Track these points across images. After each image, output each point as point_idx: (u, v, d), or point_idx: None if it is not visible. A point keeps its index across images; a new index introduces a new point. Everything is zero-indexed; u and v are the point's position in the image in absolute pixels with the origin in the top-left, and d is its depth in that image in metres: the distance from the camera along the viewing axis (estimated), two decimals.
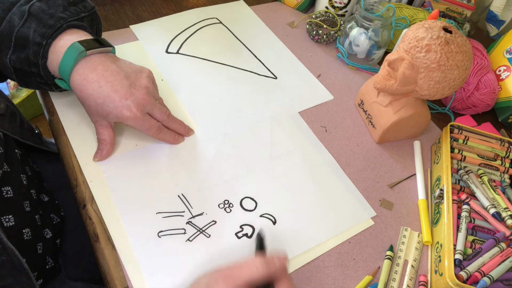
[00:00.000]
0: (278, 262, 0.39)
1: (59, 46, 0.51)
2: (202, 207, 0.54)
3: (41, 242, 0.58)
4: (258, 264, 0.38)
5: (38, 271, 0.57)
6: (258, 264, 0.38)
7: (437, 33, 0.55)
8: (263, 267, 0.38)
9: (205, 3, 0.85)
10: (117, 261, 0.49)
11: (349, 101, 0.73)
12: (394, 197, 0.61)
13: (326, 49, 0.81)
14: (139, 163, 0.57)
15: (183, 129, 0.60)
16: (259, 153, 0.62)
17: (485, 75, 0.72)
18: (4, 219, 0.51)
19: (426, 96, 0.59)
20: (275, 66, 0.75)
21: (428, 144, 0.69)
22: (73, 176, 0.56)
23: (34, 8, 0.51)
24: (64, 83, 0.53)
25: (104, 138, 0.55)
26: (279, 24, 0.84)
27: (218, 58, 0.75)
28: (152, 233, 0.51)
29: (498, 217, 0.55)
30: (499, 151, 0.63)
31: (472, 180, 0.59)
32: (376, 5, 0.74)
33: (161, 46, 0.74)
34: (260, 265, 0.38)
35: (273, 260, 0.39)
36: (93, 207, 0.53)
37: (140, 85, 0.53)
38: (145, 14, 0.80)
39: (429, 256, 0.55)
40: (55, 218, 0.66)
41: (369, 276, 0.52)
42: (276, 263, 0.39)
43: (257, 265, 0.38)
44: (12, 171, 0.54)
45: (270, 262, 0.39)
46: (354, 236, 0.56)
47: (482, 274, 0.49)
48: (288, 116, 0.68)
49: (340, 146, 0.66)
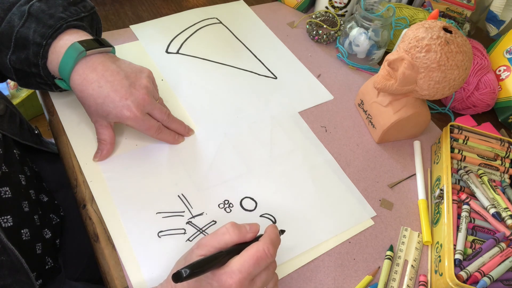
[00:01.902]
0: (249, 227, 0.43)
1: (59, 46, 0.51)
2: (202, 207, 0.54)
3: (40, 242, 0.58)
4: (230, 229, 0.42)
5: (37, 271, 0.57)
6: (230, 229, 0.42)
7: (437, 33, 0.54)
8: (234, 232, 0.41)
9: (205, 3, 0.85)
10: (117, 261, 0.49)
11: (349, 101, 0.73)
12: (394, 197, 0.61)
13: (326, 49, 0.81)
14: (139, 163, 0.57)
15: (183, 129, 0.60)
16: (259, 153, 0.62)
17: (485, 75, 0.72)
18: (2, 219, 0.51)
19: (426, 96, 0.59)
20: (275, 66, 0.75)
21: (428, 144, 0.69)
22: (73, 176, 0.55)
23: (34, 8, 0.51)
24: (64, 83, 0.53)
25: (104, 138, 0.55)
26: (279, 24, 0.84)
27: (218, 58, 0.75)
28: (152, 233, 0.51)
29: (498, 217, 0.55)
30: (499, 151, 0.63)
31: (472, 180, 0.59)
32: (376, 5, 0.74)
33: (161, 46, 0.74)
34: (231, 230, 0.41)
35: (244, 226, 0.43)
36: (93, 207, 0.53)
37: (140, 85, 0.53)
38: (145, 14, 0.80)
39: (429, 256, 0.55)
40: (55, 218, 0.66)
41: (369, 276, 0.52)
42: (247, 227, 0.42)
43: (229, 230, 0.41)
44: (10, 172, 0.54)
45: (241, 227, 0.42)
46: (354, 236, 0.56)
47: (482, 274, 0.49)
48: (288, 116, 0.68)
49: (340, 146, 0.66)
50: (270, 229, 0.44)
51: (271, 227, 0.44)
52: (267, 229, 0.44)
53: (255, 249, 0.40)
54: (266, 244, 0.41)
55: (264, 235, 0.43)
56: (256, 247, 0.40)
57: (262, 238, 0.42)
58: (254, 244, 0.41)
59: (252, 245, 0.41)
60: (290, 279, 0.50)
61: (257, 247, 0.40)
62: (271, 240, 0.42)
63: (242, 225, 0.43)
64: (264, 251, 0.40)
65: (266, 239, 0.41)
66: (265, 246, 0.40)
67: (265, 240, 0.41)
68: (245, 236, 0.42)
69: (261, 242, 0.41)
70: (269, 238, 0.42)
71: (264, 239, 0.41)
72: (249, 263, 0.39)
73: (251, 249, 0.40)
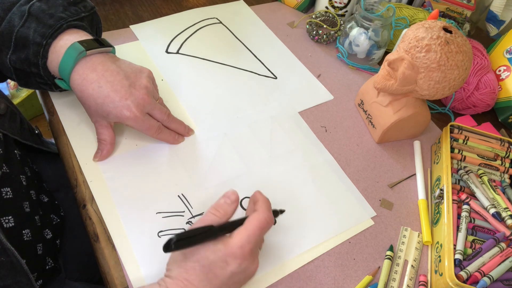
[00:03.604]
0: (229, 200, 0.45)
1: (59, 46, 0.51)
2: (202, 207, 0.54)
3: (41, 243, 0.58)
4: (213, 211, 0.44)
5: (37, 272, 0.57)
6: (212, 211, 0.44)
7: (437, 33, 0.55)
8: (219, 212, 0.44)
9: (205, 3, 0.85)
10: (117, 261, 0.49)
11: (349, 101, 0.73)
12: (394, 197, 0.61)
13: (326, 49, 0.81)
14: (139, 163, 0.57)
15: (183, 129, 0.60)
16: (259, 153, 0.62)
17: (485, 75, 0.72)
18: (4, 220, 0.51)
19: (426, 96, 0.59)
20: (275, 66, 0.75)
21: (428, 144, 0.69)
22: (73, 176, 0.55)
23: (34, 8, 0.51)
24: (64, 83, 0.53)
25: (104, 138, 0.55)
26: (279, 24, 0.84)
27: (218, 58, 0.75)
28: (152, 233, 0.51)
29: (498, 217, 0.55)
30: (499, 151, 0.63)
31: (472, 180, 0.59)
32: (376, 5, 0.74)
33: (161, 46, 0.74)
34: (214, 211, 0.44)
35: (222, 203, 0.44)
36: (93, 207, 0.53)
37: (140, 85, 0.53)
38: (145, 14, 0.80)
39: (429, 256, 0.55)
40: (55, 218, 0.66)
41: (369, 276, 0.52)
42: (227, 201, 0.45)
43: (212, 212, 0.44)
44: (11, 172, 0.54)
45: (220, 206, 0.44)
46: (354, 236, 0.56)
47: (482, 274, 0.49)
48: (288, 116, 0.68)
49: (340, 146, 0.66)
50: (261, 197, 0.45)
51: (259, 194, 0.46)
52: (258, 198, 0.45)
53: (256, 219, 0.42)
54: (264, 213, 0.43)
55: (259, 205, 0.44)
56: (256, 217, 0.42)
57: (258, 207, 0.44)
58: (253, 215, 0.43)
59: (252, 216, 0.43)
60: (290, 279, 0.50)
61: (257, 217, 0.42)
62: (267, 207, 0.44)
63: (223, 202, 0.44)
64: (265, 220, 0.43)
65: (263, 207, 0.44)
66: (264, 214, 0.43)
67: (262, 209, 0.43)
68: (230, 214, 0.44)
69: (260, 212, 0.43)
70: (265, 206, 0.44)
71: (261, 208, 0.43)
72: (255, 233, 0.42)
73: (253, 219, 0.42)
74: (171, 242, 0.38)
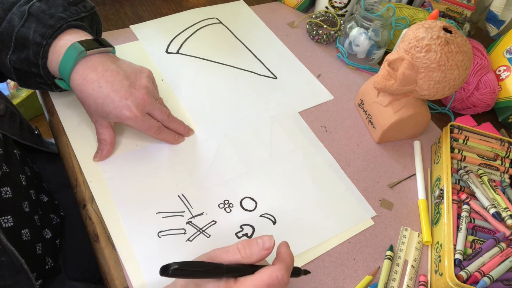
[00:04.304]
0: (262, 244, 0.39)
1: (59, 46, 0.51)
2: (202, 207, 0.54)
3: (40, 243, 0.58)
4: (240, 247, 0.39)
5: (37, 272, 0.57)
6: (240, 247, 0.39)
7: (437, 33, 0.55)
8: (245, 251, 0.39)
9: (205, 3, 0.85)
10: (117, 261, 0.49)
11: (349, 101, 0.73)
12: (394, 197, 0.61)
13: (326, 49, 0.81)
14: (139, 163, 0.57)
15: (183, 129, 0.60)
16: (259, 153, 0.62)
17: (485, 75, 0.72)
18: (3, 219, 0.51)
19: (426, 96, 0.59)
20: (275, 66, 0.75)
21: (428, 144, 0.69)
22: (73, 176, 0.55)
23: (34, 8, 0.51)
24: (64, 83, 0.53)
25: (104, 138, 0.55)
26: (279, 24, 0.84)
27: (218, 58, 0.75)
28: (152, 233, 0.51)
29: (498, 217, 0.55)
30: (499, 151, 0.63)
31: (472, 180, 0.59)
32: (376, 5, 0.74)
33: (161, 46, 0.74)
34: (241, 248, 0.39)
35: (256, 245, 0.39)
36: (93, 207, 0.53)
37: (140, 85, 0.53)
38: (145, 14, 0.80)
39: (429, 256, 0.55)
40: (55, 218, 0.66)
41: (369, 276, 0.52)
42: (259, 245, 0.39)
43: (239, 247, 0.39)
44: (11, 172, 0.54)
45: (251, 246, 0.39)
46: (354, 236, 0.56)
47: (482, 274, 0.49)
48: (288, 116, 0.68)
49: (340, 146, 0.66)
50: (285, 252, 0.40)
51: (286, 248, 0.40)
52: (282, 251, 0.40)
53: (269, 274, 0.37)
54: (281, 271, 0.38)
55: (279, 259, 0.39)
56: (270, 272, 0.37)
57: (277, 261, 0.39)
58: (268, 268, 0.38)
59: (266, 268, 0.38)
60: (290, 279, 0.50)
61: (270, 273, 0.37)
62: (286, 266, 0.39)
63: (255, 244, 0.39)
64: (277, 278, 0.37)
65: (282, 264, 0.38)
66: (279, 273, 0.38)
67: (280, 266, 0.38)
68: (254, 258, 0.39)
69: (276, 268, 0.38)
70: (284, 264, 0.39)
71: (279, 264, 0.38)
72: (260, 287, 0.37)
73: (265, 273, 0.37)
74: (170, 267, 0.35)
